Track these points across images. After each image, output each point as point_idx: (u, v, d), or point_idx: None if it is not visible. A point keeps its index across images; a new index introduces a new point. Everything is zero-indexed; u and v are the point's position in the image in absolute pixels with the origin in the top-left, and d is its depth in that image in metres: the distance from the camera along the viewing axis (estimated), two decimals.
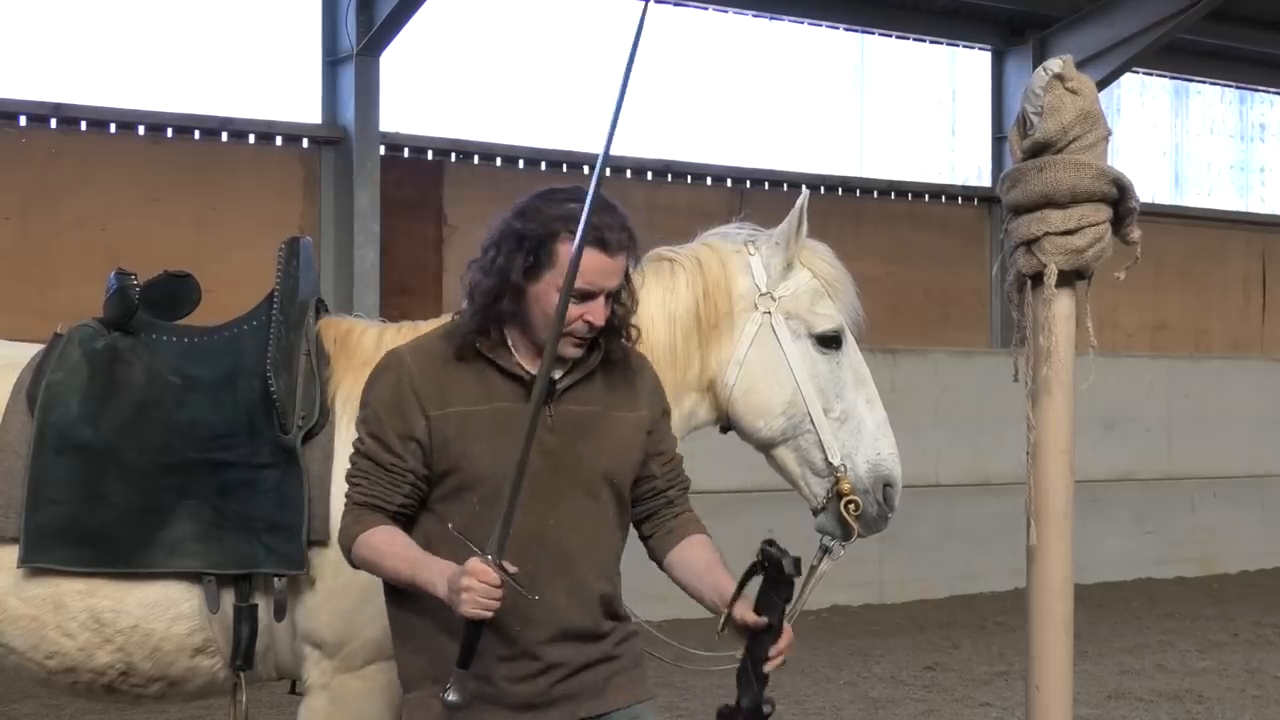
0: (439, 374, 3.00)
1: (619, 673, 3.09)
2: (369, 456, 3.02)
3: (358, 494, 3.03)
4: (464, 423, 2.96)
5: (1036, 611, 3.25)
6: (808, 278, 3.78)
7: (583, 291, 2.93)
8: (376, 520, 3.00)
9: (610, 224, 2.96)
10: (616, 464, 3.07)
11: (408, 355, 3.07)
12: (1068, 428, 3.22)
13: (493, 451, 2.94)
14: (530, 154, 12.59)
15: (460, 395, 2.99)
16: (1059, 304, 3.19)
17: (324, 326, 3.85)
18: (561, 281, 2.90)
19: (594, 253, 2.92)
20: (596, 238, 2.92)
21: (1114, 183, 3.16)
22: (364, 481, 3.02)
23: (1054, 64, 3.19)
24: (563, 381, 3.02)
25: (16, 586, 3.64)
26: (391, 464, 2.99)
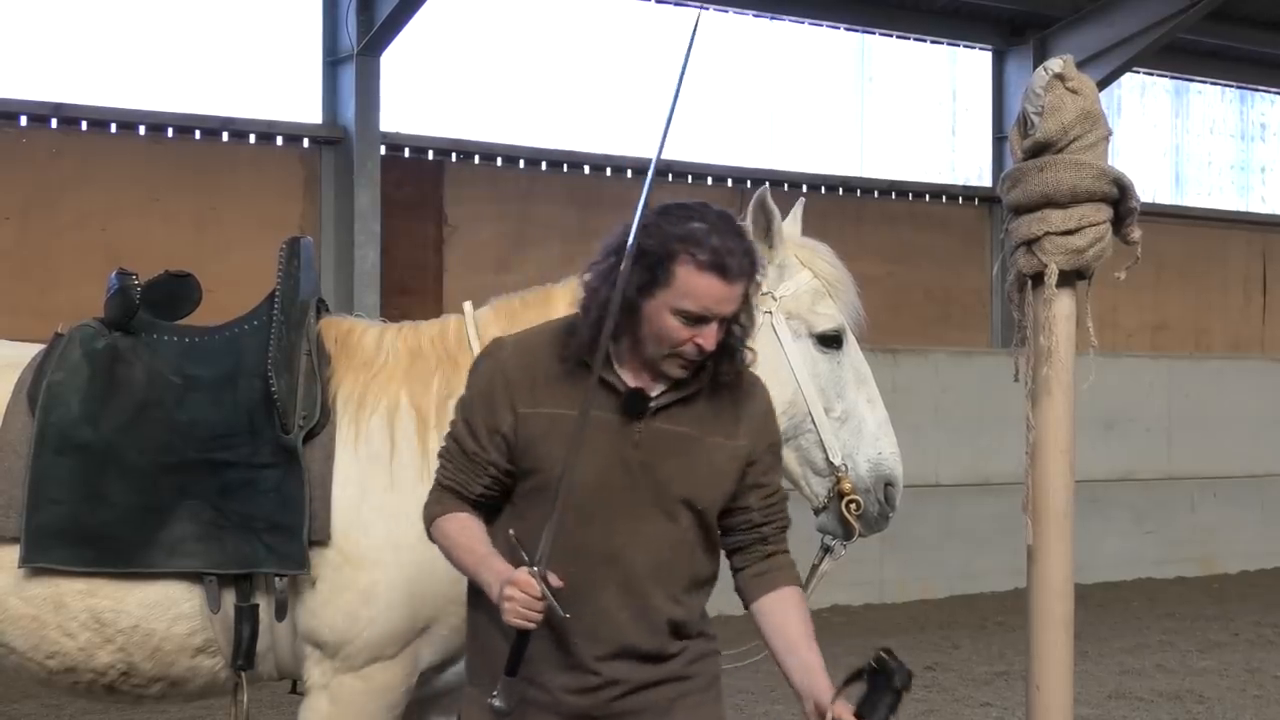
0: (536, 371, 2.95)
1: (689, 694, 3.04)
2: (456, 440, 3.01)
3: (443, 475, 3.02)
4: (551, 425, 2.90)
5: (1037, 611, 3.25)
6: (808, 277, 3.78)
7: (696, 315, 2.84)
8: (456, 505, 2.99)
9: (732, 249, 2.85)
10: (701, 491, 2.98)
11: (509, 347, 3.04)
12: (1068, 428, 3.22)
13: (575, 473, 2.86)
14: (530, 154, 12.59)
15: (552, 397, 2.92)
16: (1059, 304, 3.19)
17: (325, 326, 3.85)
18: (676, 302, 2.82)
19: (712, 278, 2.83)
20: (716, 263, 2.83)
21: (1114, 182, 3.16)
22: (449, 465, 3.02)
23: (1054, 64, 3.19)
24: (659, 399, 2.94)
25: (17, 586, 3.64)
26: (474, 453, 2.97)
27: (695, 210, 2.91)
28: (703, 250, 2.83)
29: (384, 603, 3.60)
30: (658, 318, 2.86)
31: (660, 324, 2.86)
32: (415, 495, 3.63)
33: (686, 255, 2.84)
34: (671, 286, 2.84)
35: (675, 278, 2.84)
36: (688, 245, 2.84)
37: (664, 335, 2.87)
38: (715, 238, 2.84)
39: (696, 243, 2.83)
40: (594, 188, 12.76)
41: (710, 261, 2.82)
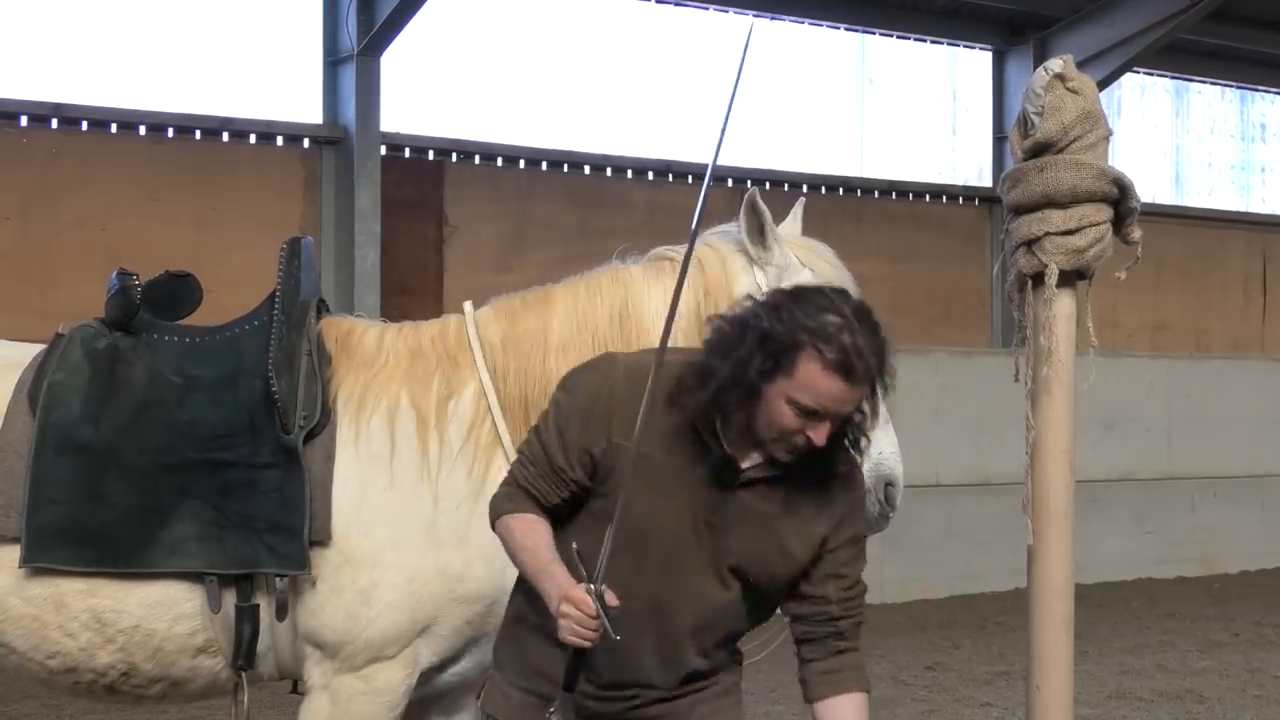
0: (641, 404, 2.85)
1: (707, 699, 3.05)
2: (544, 448, 2.95)
3: (520, 474, 2.97)
4: (640, 463, 2.84)
5: (1037, 611, 3.26)
6: (809, 277, 3.77)
7: (810, 410, 2.77)
8: (526, 507, 2.96)
9: (862, 350, 2.74)
10: (762, 568, 2.95)
11: (621, 371, 2.95)
12: (1068, 427, 3.22)
13: (652, 503, 2.86)
14: (531, 154, 12.59)
15: (651, 436, 2.85)
16: (1060, 304, 3.19)
17: (325, 327, 3.85)
18: (793, 393, 2.73)
19: (835, 378, 2.73)
20: (843, 363, 2.73)
21: (1115, 183, 3.16)
22: (530, 468, 2.96)
23: (1055, 64, 3.19)
24: (750, 471, 2.89)
25: (18, 586, 3.65)
26: (560, 468, 2.93)
27: (832, 300, 2.80)
28: (831, 348, 2.73)
29: (384, 603, 3.60)
30: (773, 403, 2.77)
31: (775, 410, 2.78)
32: (415, 495, 3.64)
33: (813, 349, 2.74)
34: (793, 377, 2.75)
35: (797, 369, 2.74)
36: (816, 339, 2.74)
37: (775, 421, 2.78)
38: (847, 335, 2.73)
39: (826, 338, 2.73)
40: (594, 188, 12.77)
41: (836, 361, 2.73)
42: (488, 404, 3.71)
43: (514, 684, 3.03)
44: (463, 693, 3.88)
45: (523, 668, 3.01)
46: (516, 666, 3.02)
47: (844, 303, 2.81)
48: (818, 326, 2.75)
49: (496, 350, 3.77)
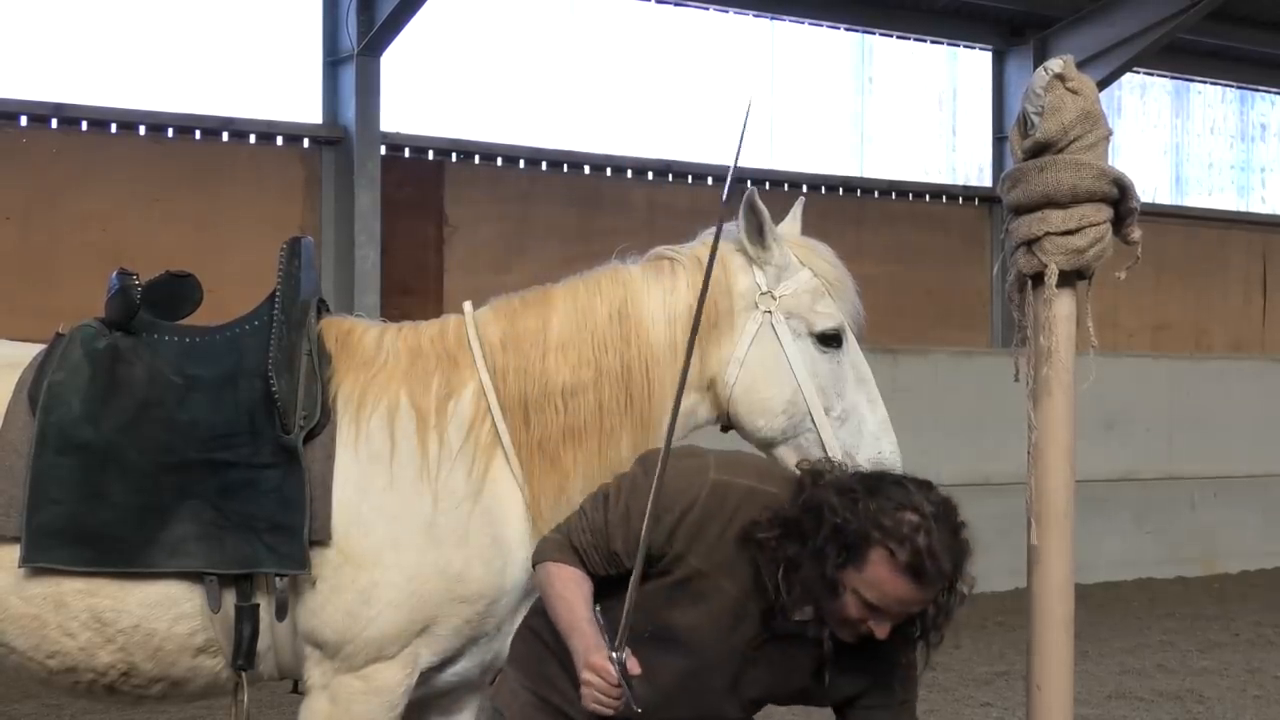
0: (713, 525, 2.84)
1: None
2: (606, 525, 2.93)
3: (577, 537, 2.96)
4: (690, 576, 2.84)
5: (1037, 611, 3.25)
6: (808, 276, 3.77)
7: (876, 609, 2.72)
8: (570, 561, 2.96)
9: (936, 553, 2.68)
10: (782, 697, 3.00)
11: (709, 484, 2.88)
12: (1068, 428, 3.22)
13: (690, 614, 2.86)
14: (531, 154, 12.60)
15: (711, 556, 2.84)
16: (1060, 304, 3.19)
17: (325, 327, 3.85)
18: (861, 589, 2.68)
19: (904, 581, 2.68)
20: (914, 565, 2.68)
21: (1115, 183, 3.16)
22: (587, 535, 2.95)
23: (1055, 64, 3.18)
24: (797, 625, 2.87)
25: (17, 586, 3.64)
26: (616, 553, 2.93)
27: (914, 497, 2.74)
28: (904, 550, 2.68)
29: (384, 602, 3.60)
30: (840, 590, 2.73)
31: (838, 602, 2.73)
32: (415, 495, 3.63)
33: (884, 548, 2.69)
34: (861, 572, 2.70)
35: (867, 566, 2.69)
36: (889, 538, 2.69)
37: (837, 613, 2.75)
38: (922, 536, 2.67)
39: (900, 539, 2.68)
40: (594, 188, 12.77)
41: (907, 564, 2.68)
42: (487, 404, 3.71)
43: (524, 685, 3.04)
44: (463, 693, 3.88)
45: (534, 673, 3.01)
46: (529, 670, 3.03)
47: (924, 499, 2.74)
48: (892, 525, 2.69)
49: (496, 350, 3.77)
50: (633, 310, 3.72)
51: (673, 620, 2.86)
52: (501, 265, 11.79)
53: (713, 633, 2.88)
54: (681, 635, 2.87)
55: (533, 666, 3.04)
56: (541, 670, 3.01)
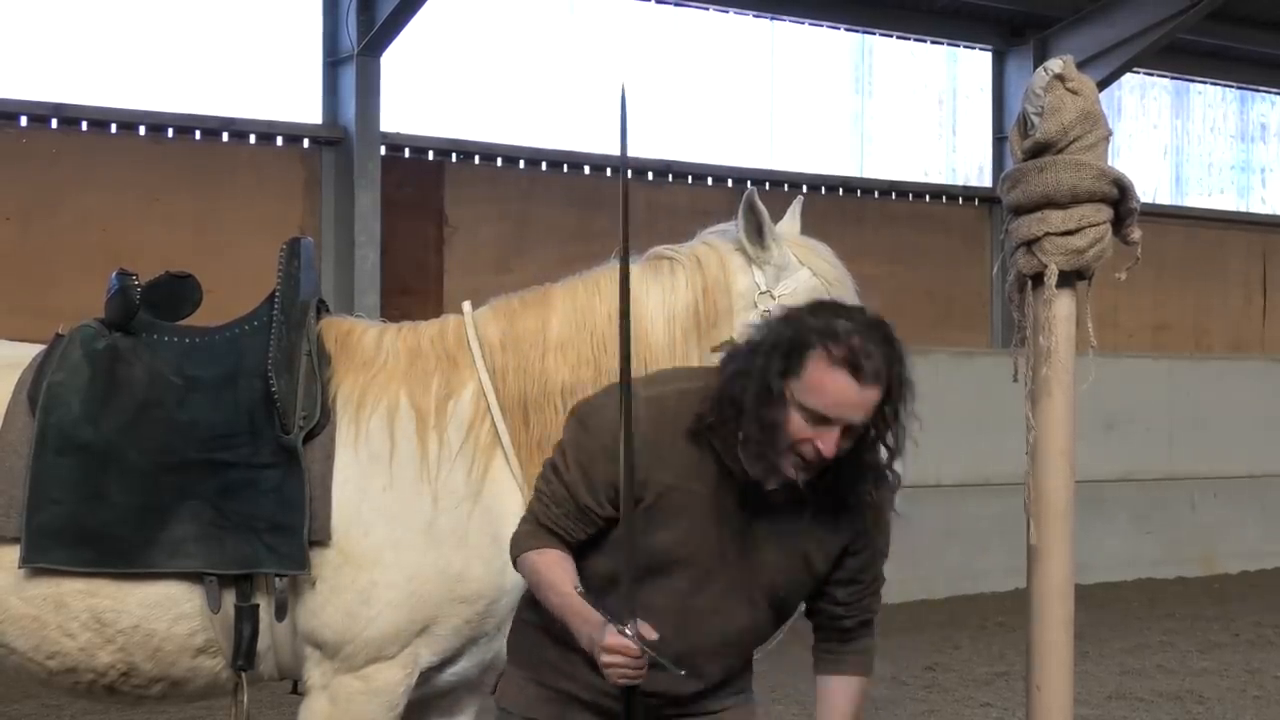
0: (663, 437, 2.86)
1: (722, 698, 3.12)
2: (568, 487, 2.91)
3: (545, 515, 2.93)
4: (665, 494, 2.86)
5: (1037, 612, 3.25)
6: (807, 276, 3.77)
7: (820, 415, 2.73)
8: (549, 543, 2.93)
9: (870, 351, 2.72)
10: (789, 586, 2.99)
11: (643, 405, 2.88)
12: (1068, 428, 3.22)
13: (677, 529, 2.87)
14: (531, 154, 12.59)
15: (672, 465, 2.86)
16: (1059, 304, 3.19)
17: (325, 327, 3.85)
18: (802, 396, 2.70)
19: (842, 375, 2.71)
20: (850, 361, 2.71)
21: (1115, 183, 3.15)
22: (554, 508, 2.93)
23: (1054, 64, 3.18)
24: (774, 495, 2.87)
25: (18, 586, 3.65)
26: (588, 507, 2.91)
27: (845, 310, 2.82)
28: (838, 345, 2.72)
29: (384, 602, 3.60)
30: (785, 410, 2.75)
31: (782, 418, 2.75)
32: (415, 495, 3.63)
33: (821, 348, 2.73)
34: (800, 379, 2.73)
35: (806, 369, 2.73)
36: (824, 338, 2.73)
37: (784, 431, 2.75)
38: (856, 337, 2.72)
39: (834, 337, 2.73)
40: (594, 188, 12.76)
41: (844, 359, 2.71)
42: (487, 404, 3.72)
43: (529, 678, 3.04)
44: (462, 693, 3.89)
45: (538, 662, 3.02)
46: (532, 661, 3.04)
47: (858, 313, 2.80)
48: (824, 327, 2.75)
49: (495, 350, 3.77)
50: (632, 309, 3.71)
51: (659, 544, 2.86)
52: (501, 265, 11.79)
53: (700, 538, 2.88)
54: (673, 554, 2.87)
55: (533, 656, 3.04)
56: (542, 657, 3.01)
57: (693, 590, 2.92)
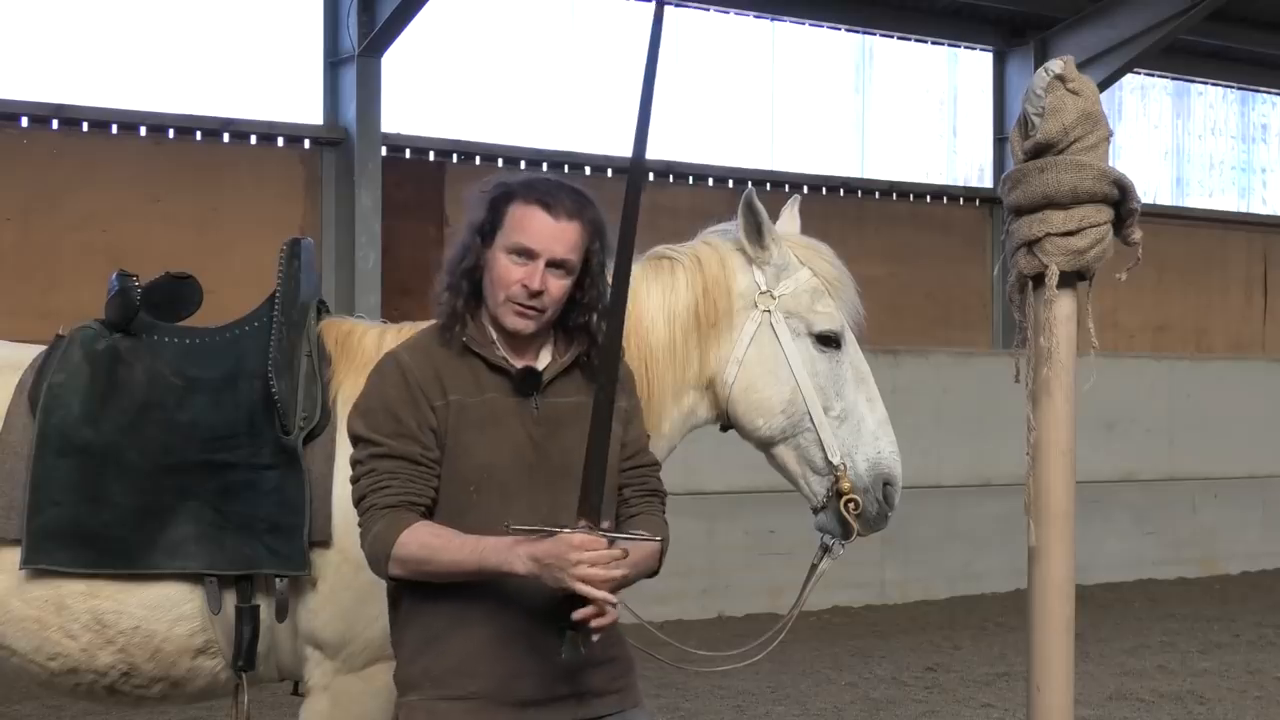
0: (435, 366, 3.02)
1: (618, 676, 3.08)
2: (397, 455, 2.96)
3: (389, 497, 2.95)
4: (460, 412, 2.99)
5: (1037, 612, 3.25)
6: (808, 276, 3.77)
7: (524, 250, 2.98)
8: (412, 518, 2.94)
9: (561, 194, 3.03)
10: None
11: (403, 353, 3.08)
12: (1069, 428, 3.22)
13: (485, 441, 2.97)
14: (531, 154, 12.60)
15: (455, 385, 3.01)
16: (1060, 305, 3.19)
17: (325, 328, 3.85)
18: (507, 239, 2.98)
19: (536, 210, 3.00)
20: (542, 200, 3.01)
21: (1115, 184, 3.15)
22: (394, 482, 2.95)
23: (1055, 65, 3.18)
24: (546, 373, 3.04)
25: (19, 588, 3.65)
26: (421, 455, 2.97)
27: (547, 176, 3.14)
28: (531, 190, 3.03)
29: (384, 603, 3.60)
30: (495, 263, 3.00)
31: (496, 267, 3.00)
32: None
33: (518, 195, 3.03)
34: (504, 226, 3.01)
35: (507, 215, 3.02)
36: (520, 187, 3.05)
37: (498, 278, 2.99)
38: (546, 183, 3.06)
39: (528, 185, 3.05)
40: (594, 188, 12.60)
41: (537, 198, 3.01)
42: None
43: (433, 697, 2.97)
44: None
45: (438, 677, 2.96)
46: (432, 678, 2.97)
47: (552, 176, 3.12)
48: (521, 180, 3.08)
49: None
50: (632, 309, 3.70)
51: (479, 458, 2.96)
52: None
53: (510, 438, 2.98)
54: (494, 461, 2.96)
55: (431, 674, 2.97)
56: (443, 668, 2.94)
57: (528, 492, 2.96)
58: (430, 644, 2.98)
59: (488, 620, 2.92)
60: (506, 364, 3.03)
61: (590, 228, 3.05)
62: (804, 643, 9.23)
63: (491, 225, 3.02)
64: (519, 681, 2.94)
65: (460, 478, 2.97)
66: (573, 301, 3.06)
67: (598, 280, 3.09)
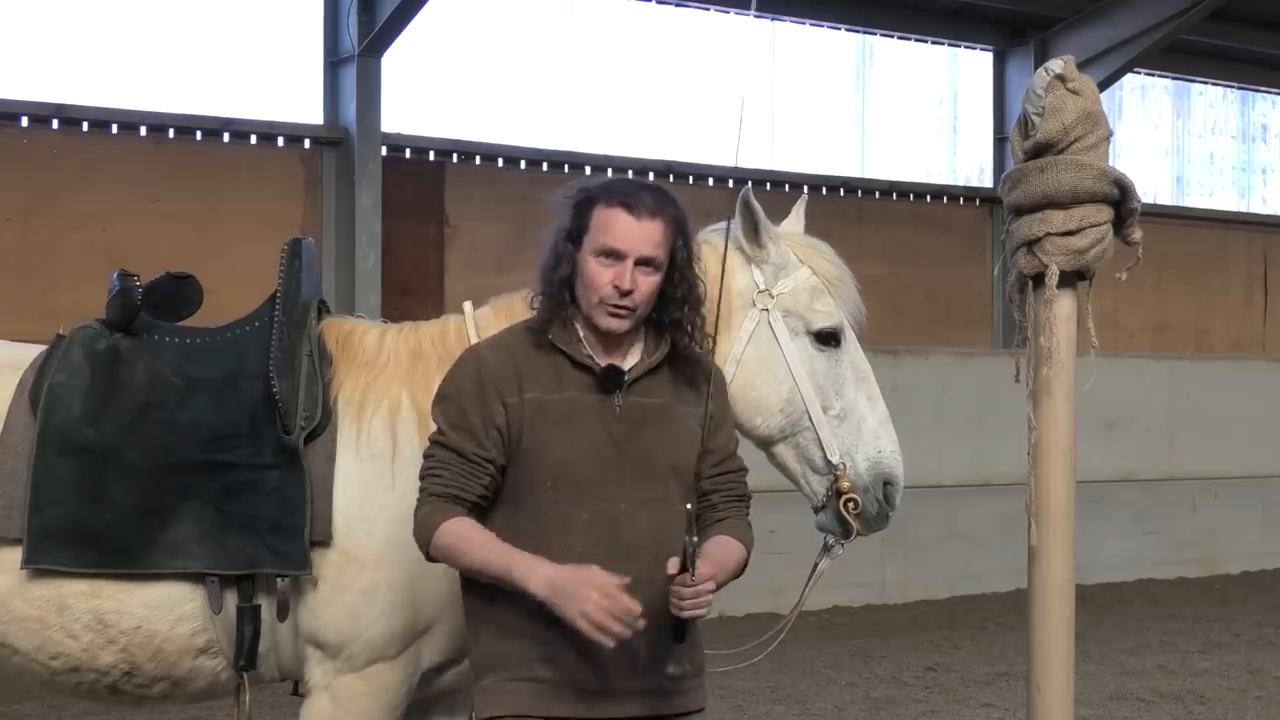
0: (515, 363, 3.08)
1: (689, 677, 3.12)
2: (451, 448, 3.05)
3: (436, 485, 3.06)
4: (538, 409, 3.04)
5: (1038, 612, 3.25)
6: (807, 275, 3.76)
7: (611, 251, 3.03)
8: (456, 511, 3.03)
9: (641, 193, 3.08)
10: (681, 455, 3.11)
11: (485, 348, 3.17)
12: (1069, 428, 3.22)
13: (563, 438, 3.02)
14: (532, 154, 12.60)
15: (535, 383, 3.06)
16: (1060, 304, 3.19)
17: (326, 327, 3.85)
18: (594, 242, 3.04)
19: (619, 211, 3.05)
20: (624, 201, 3.06)
21: (1115, 183, 3.16)
22: (445, 472, 3.05)
23: (1055, 64, 3.19)
24: (631, 373, 3.09)
25: (20, 588, 3.65)
26: (474, 453, 3.03)
27: (625, 179, 3.22)
28: (612, 193, 3.08)
29: (386, 603, 3.60)
30: (585, 267, 3.05)
31: (586, 271, 3.05)
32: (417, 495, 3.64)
33: (601, 198, 3.09)
34: (590, 230, 3.07)
35: (592, 219, 3.08)
36: (601, 191, 3.11)
37: (590, 281, 3.04)
38: (626, 185, 3.12)
39: (607, 189, 3.11)
40: None
41: (619, 200, 3.06)
42: None
43: (506, 679, 3.04)
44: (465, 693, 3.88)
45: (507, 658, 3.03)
46: (502, 660, 3.04)
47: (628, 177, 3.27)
48: (602, 184, 3.14)
49: None
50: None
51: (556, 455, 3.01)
52: (502, 265, 11.80)
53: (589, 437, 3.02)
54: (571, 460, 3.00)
55: (500, 656, 3.04)
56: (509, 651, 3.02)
57: (605, 489, 3.01)
58: (506, 632, 3.04)
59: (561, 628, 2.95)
60: (591, 361, 3.08)
61: (673, 224, 3.10)
62: (804, 642, 9.23)
63: (578, 230, 3.08)
64: (589, 671, 3.00)
65: (537, 473, 3.02)
66: (663, 297, 3.12)
67: (686, 274, 3.14)
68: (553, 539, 2.98)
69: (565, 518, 2.98)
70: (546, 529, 2.98)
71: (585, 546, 2.96)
